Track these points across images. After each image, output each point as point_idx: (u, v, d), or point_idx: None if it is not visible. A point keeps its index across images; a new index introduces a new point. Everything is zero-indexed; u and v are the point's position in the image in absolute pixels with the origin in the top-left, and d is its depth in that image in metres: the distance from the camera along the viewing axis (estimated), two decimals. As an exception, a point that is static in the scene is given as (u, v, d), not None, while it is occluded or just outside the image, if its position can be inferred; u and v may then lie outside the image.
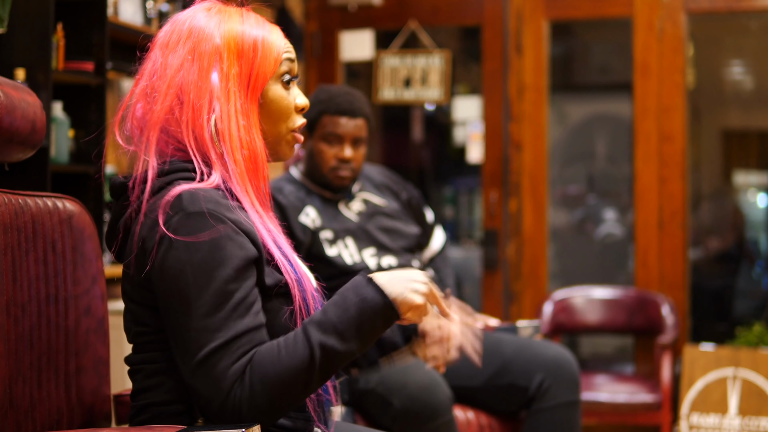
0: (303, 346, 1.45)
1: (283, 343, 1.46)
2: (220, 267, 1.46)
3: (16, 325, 1.56)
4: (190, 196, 1.48)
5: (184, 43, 1.57)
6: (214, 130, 1.55)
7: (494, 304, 4.71)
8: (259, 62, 1.58)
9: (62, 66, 3.21)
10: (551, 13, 4.73)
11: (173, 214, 1.48)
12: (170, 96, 1.56)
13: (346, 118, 2.75)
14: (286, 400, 1.46)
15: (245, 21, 1.61)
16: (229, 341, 1.44)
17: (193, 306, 1.45)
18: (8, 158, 1.63)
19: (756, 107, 6.44)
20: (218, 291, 1.45)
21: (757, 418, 4.08)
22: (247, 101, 1.57)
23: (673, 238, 4.54)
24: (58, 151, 3.19)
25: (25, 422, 1.57)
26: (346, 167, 2.77)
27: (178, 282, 1.46)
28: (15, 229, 1.58)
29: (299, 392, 1.47)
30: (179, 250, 1.46)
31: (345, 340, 1.46)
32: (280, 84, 1.62)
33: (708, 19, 5.21)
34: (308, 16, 5.01)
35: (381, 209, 2.88)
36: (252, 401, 1.43)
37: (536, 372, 2.58)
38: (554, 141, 5.62)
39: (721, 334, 4.88)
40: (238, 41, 1.58)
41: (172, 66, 1.56)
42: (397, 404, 2.43)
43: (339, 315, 1.47)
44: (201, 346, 1.44)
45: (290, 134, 1.64)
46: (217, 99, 1.55)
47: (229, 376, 1.43)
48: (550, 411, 2.56)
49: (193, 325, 1.44)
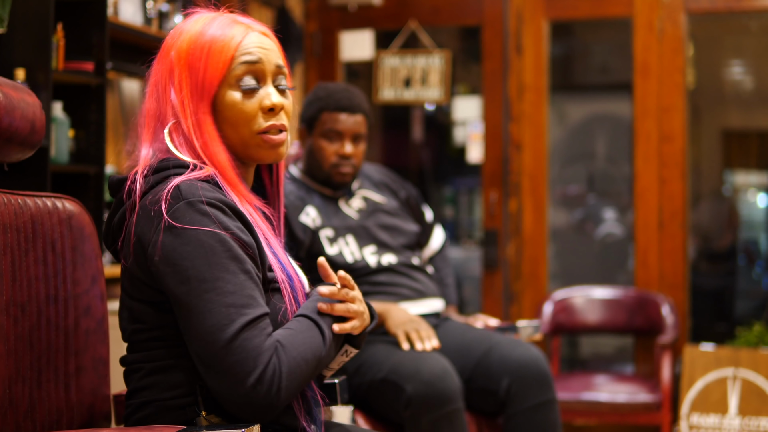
0: (313, 329, 1.53)
1: (295, 329, 1.52)
2: (233, 249, 1.47)
3: (15, 326, 1.56)
4: (188, 186, 1.50)
5: (157, 64, 1.63)
6: (176, 142, 1.58)
7: (494, 304, 4.71)
8: (204, 69, 1.57)
9: (62, 66, 3.21)
10: (551, 13, 4.74)
11: (174, 203, 1.48)
12: (150, 116, 1.61)
13: (345, 115, 2.76)
14: (307, 378, 1.51)
15: (207, 25, 1.60)
16: (258, 318, 1.46)
17: (217, 285, 1.45)
18: (8, 158, 1.63)
19: (756, 107, 6.44)
20: (239, 271, 1.47)
21: (757, 418, 4.08)
22: (199, 111, 1.57)
23: (673, 238, 4.54)
24: (58, 151, 3.19)
25: (25, 422, 1.57)
26: (347, 163, 2.78)
27: (193, 267, 1.45)
28: (15, 229, 1.58)
29: (313, 372, 1.52)
30: (187, 237, 1.46)
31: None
32: (238, 90, 1.58)
33: (708, 19, 5.21)
34: (308, 16, 5.01)
35: (381, 207, 2.89)
36: (289, 378, 1.45)
37: (503, 376, 2.56)
38: (554, 141, 5.62)
39: (721, 334, 4.88)
40: (189, 50, 1.58)
41: (149, 90, 1.62)
42: (410, 390, 2.42)
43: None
44: (232, 320, 1.44)
45: (257, 137, 1.60)
46: (176, 114, 1.58)
47: (265, 349, 1.44)
48: (522, 414, 2.54)
49: (221, 301, 1.44)
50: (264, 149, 1.61)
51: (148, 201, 1.51)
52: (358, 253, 2.75)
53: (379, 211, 2.87)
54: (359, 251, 2.76)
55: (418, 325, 2.57)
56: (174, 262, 1.47)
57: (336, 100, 2.76)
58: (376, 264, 2.76)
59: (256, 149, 1.61)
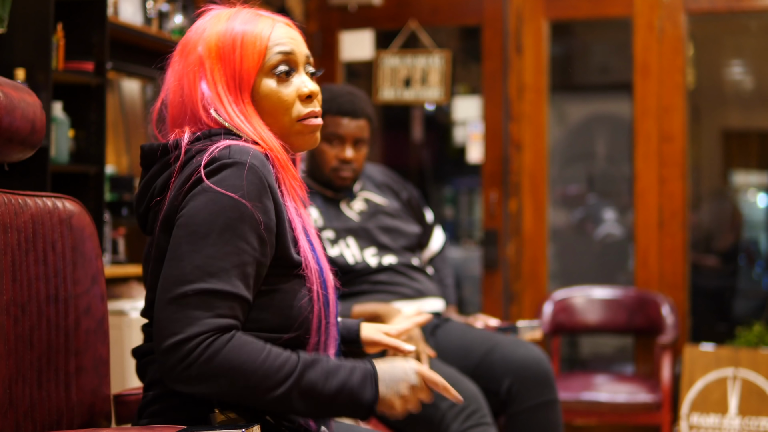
0: (287, 369, 1.43)
1: (272, 350, 1.44)
2: (241, 222, 1.44)
3: (16, 325, 1.56)
4: (240, 148, 1.48)
5: (179, 59, 1.61)
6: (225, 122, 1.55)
7: (494, 304, 4.71)
8: (239, 60, 1.57)
9: (62, 66, 3.21)
10: (551, 13, 4.74)
11: (218, 161, 1.47)
12: (175, 113, 1.59)
13: (347, 119, 2.75)
14: (234, 391, 1.42)
15: (231, 20, 1.59)
16: (218, 292, 1.41)
17: (200, 243, 1.43)
18: (8, 158, 1.63)
19: (756, 107, 6.44)
20: (231, 242, 1.44)
21: (757, 418, 4.08)
22: (240, 101, 1.56)
23: (673, 238, 4.54)
24: (58, 151, 3.19)
25: (25, 422, 1.57)
26: (348, 167, 2.77)
27: (194, 217, 1.44)
28: (15, 229, 1.58)
29: (244, 395, 1.42)
30: (208, 193, 1.45)
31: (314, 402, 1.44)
32: (273, 78, 1.59)
33: (708, 19, 5.21)
34: (308, 16, 5.01)
35: (382, 208, 2.89)
36: (206, 366, 1.39)
37: (504, 376, 2.56)
38: (554, 141, 5.61)
39: (721, 334, 4.88)
40: (219, 44, 1.57)
41: (172, 85, 1.60)
42: (443, 406, 2.42)
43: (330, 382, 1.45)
44: (189, 281, 1.41)
45: (297, 125, 1.60)
46: (212, 105, 1.56)
47: (201, 324, 1.39)
48: (524, 414, 2.54)
49: (192, 260, 1.42)
50: (304, 135, 1.61)
51: (196, 159, 1.50)
52: (359, 255, 2.75)
53: (380, 213, 2.87)
54: (360, 253, 2.76)
55: (416, 341, 2.56)
56: (187, 212, 1.45)
57: (339, 104, 2.75)
58: (376, 265, 2.76)
59: (296, 136, 1.61)
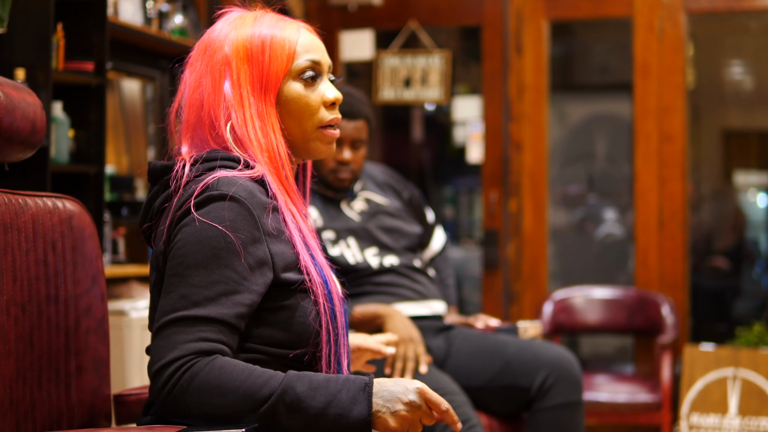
0: (271, 385, 1.40)
1: (256, 369, 1.43)
2: (227, 252, 1.46)
3: (16, 325, 1.56)
4: (228, 180, 1.50)
5: (201, 59, 1.61)
6: (231, 137, 1.57)
7: (494, 304, 4.71)
8: (268, 62, 1.58)
9: (62, 66, 3.21)
10: (551, 13, 4.73)
11: (205, 193, 1.49)
12: (193, 112, 1.60)
13: (345, 121, 2.75)
14: (220, 411, 1.40)
15: (257, 23, 1.61)
16: (201, 318, 1.44)
17: (187, 274, 1.46)
18: (8, 158, 1.63)
19: (756, 107, 6.44)
20: (217, 271, 1.46)
21: (757, 418, 4.08)
22: (262, 103, 1.57)
23: (673, 238, 4.54)
24: (58, 151, 3.19)
25: (25, 422, 1.57)
26: (346, 169, 2.77)
27: (182, 250, 1.47)
28: (15, 229, 1.58)
29: (229, 414, 1.40)
30: (195, 224, 1.48)
31: (302, 417, 1.40)
32: (300, 82, 1.60)
33: (708, 19, 5.21)
34: (308, 16, 5.01)
35: (383, 208, 2.88)
36: (186, 387, 1.40)
37: (538, 371, 2.57)
38: (554, 141, 5.61)
39: (721, 334, 4.88)
40: (246, 45, 1.58)
41: (192, 85, 1.61)
42: None
43: (315, 400, 1.40)
44: (176, 309, 1.45)
45: (317, 131, 1.62)
46: (232, 107, 1.57)
47: (185, 349, 1.41)
48: (551, 410, 2.55)
49: (179, 290, 1.46)
50: (322, 143, 1.64)
51: (191, 188, 1.52)
52: (360, 255, 2.75)
53: (381, 212, 2.87)
54: (360, 253, 2.75)
55: (416, 344, 2.56)
56: (176, 240, 1.49)
57: None
58: (378, 265, 2.76)
59: (315, 143, 1.63)
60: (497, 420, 2.67)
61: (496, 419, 2.67)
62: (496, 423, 2.67)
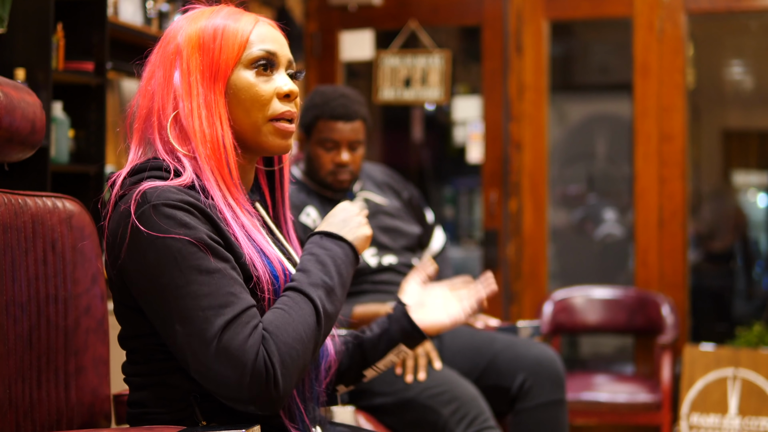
0: (306, 303, 1.49)
1: (285, 306, 1.48)
2: (201, 252, 1.43)
3: (15, 325, 1.56)
4: (154, 190, 1.46)
5: (157, 52, 1.60)
6: (173, 130, 1.54)
7: (494, 304, 4.71)
8: (218, 50, 1.55)
9: (62, 66, 3.21)
10: (551, 13, 4.73)
11: (142, 208, 1.45)
12: (144, 104, 1.58)
13: (341, 123, 2.74)
14: (307, 358, 1.47)
15: (212, 15, 1.58)
16: (239, 314, 1.42)
17: (191, 290, 1.41)
18: (8, 158, 1.62)
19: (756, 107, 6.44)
20: (211, 270, 1.43)
21: (757, 418, 4.08)
22: (210, 92, 1.54)
23: (673, 238, 4.54)
24: (58, 151, 3.19)
25: (25, 422, 1.57)
26: (344, 171, 2.77)
27: (165, 275, 1.42)
28: (15, 229, 1.58)
29: (313, 348, 1.49)
30: (155, 245, 1.43)
31: (333, 291, 1.53)
32: (252, 70, 1.56)
33: (708, 19, 5.21)
34: (308, 16, 5.01)
35: (382, 208, 2.88)
36: (283, 365, 1.42)
37: (518, 372, 2.57)
38: (554, 141, 5.62)
39: (721, 334, 4.88)
40: (199, 34, 1.56)
41: (146, 77, 1.59)
42: (446, 413, 2.43)
43: (321, 269, 1.54)
44: (211, 323, 1.40)
45: (269, 124, 1.57)
46: (180, 97, 1.54)
47: (250, 345, 1.40)
48: (532, 410, 2.55)
49: (197, 306, 1.41)
50: (274, 137, 1.58)
51: (119, 203, 1.49)
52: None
53: (380, 213, 2.87)
54: (359, 253, 2.75)
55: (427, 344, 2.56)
56: (145, 271, 1.44)
57: (332, 108, 2.73)
58: (376, 265, 2.76)
59: (266, 136, 1.57)
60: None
61: (491, 418, 2.68)
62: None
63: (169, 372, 1.51)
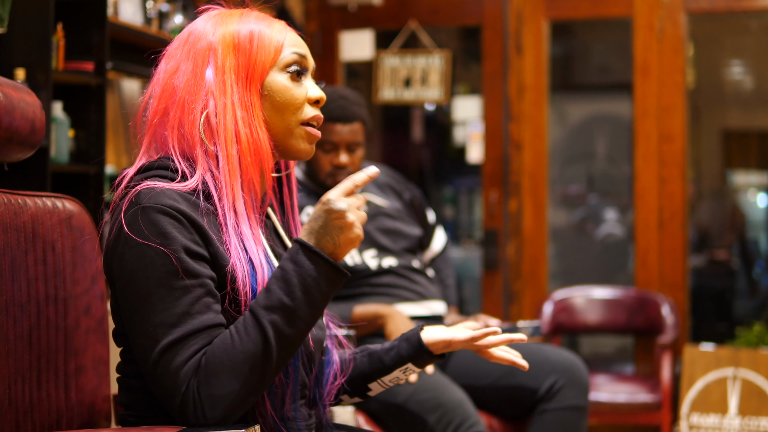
0: (254, 328, 1.42)
1: (234, 330, 1.43)
2: (172, 265, 1.43)
3: (15, 325, 1.56)
4: (148, 191, 1.46)
5: (182, 48, 1.58)
6: (202, 127, 1.53)
7: (494, 304, 4.71)
8: (256, 52, 1.56)
9: (62, 66, 3.21)
10: (551, 13, 4.74)
11: (130, 209, 1.46)
12: (164, 98, 1.56)
13: (339, 125, 2.73)
14: (247, 388, 1.42)
15: (243, 19, 1.59)
16: (186, 336, 1.42)
17: (150, 301, 1.43)
18: (8, 158, 1.62)
19: (756, 107, 6.44)
20: (175, 286, 1.43)
21: (757, 418, 4.08)
22: (246, 92, 1.54)
23: (673, 238, 4.54)
24: (58, 151, 3.19)
25: (25, 422, 1.57)
26: (343, 172, 2.76)
27: (135, 279, 1.44)
28: (14, 229, 1.58)
29: (259, 377, 1.42)
30: (134, 248, 1.44)
31: (294, 313, 1.43)
32: (287, 74, 1.58)
33: (708, 19, 5.21)
34: (308, 16, 5.01)
35: (382, 210, 2.88)
36: (210, 395, 1.40)
37: (549, 374, 2.57)
38: (554, 141, 5.62)
39: (721, 334, 4.88)
40: (234, 35, 1.56)
41: (169, 70, 1.57)
42: (432, 420, 2.43)
43: (283, 288, 1.43)
44: (157, 341, 1.42)
45: (300, 128, 1.58)
46: (212, 94, 1.53)
47: (183, 372, 1.40)
48: (557, 412, 2.55)
49: (151, 320, 1.42)
50: (304, 141, 1.59)
51: (118, 203, 1.50)
52: (358, 257, 2.75)
53: (380, 214, 2.86)
54: (359, 255, 2.75)
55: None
56: (122, 271, 1.46)
57: (329, 109, 2.72)
58: (376, 267, 2.75)
59: (297, 140, 1.58)
60: (498, 420, 2.67)
61: (497, 419, 2.67)
62: (497, 423, 2.67)
63: None
